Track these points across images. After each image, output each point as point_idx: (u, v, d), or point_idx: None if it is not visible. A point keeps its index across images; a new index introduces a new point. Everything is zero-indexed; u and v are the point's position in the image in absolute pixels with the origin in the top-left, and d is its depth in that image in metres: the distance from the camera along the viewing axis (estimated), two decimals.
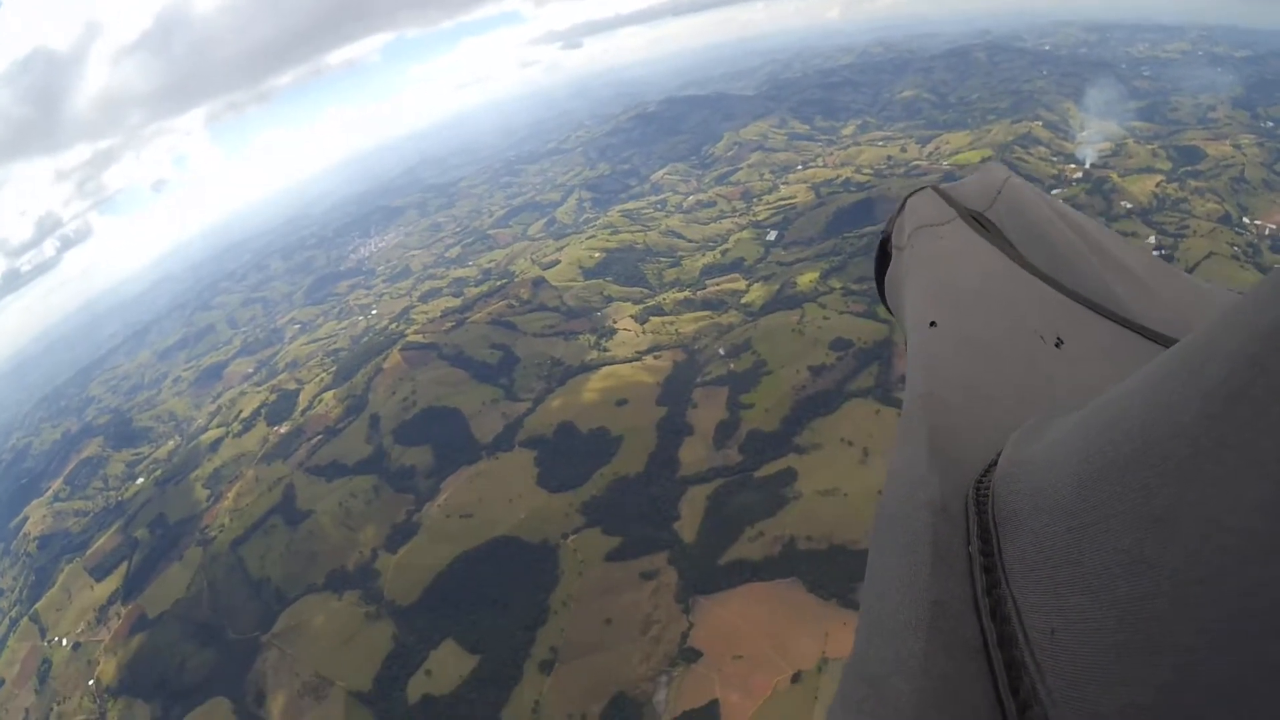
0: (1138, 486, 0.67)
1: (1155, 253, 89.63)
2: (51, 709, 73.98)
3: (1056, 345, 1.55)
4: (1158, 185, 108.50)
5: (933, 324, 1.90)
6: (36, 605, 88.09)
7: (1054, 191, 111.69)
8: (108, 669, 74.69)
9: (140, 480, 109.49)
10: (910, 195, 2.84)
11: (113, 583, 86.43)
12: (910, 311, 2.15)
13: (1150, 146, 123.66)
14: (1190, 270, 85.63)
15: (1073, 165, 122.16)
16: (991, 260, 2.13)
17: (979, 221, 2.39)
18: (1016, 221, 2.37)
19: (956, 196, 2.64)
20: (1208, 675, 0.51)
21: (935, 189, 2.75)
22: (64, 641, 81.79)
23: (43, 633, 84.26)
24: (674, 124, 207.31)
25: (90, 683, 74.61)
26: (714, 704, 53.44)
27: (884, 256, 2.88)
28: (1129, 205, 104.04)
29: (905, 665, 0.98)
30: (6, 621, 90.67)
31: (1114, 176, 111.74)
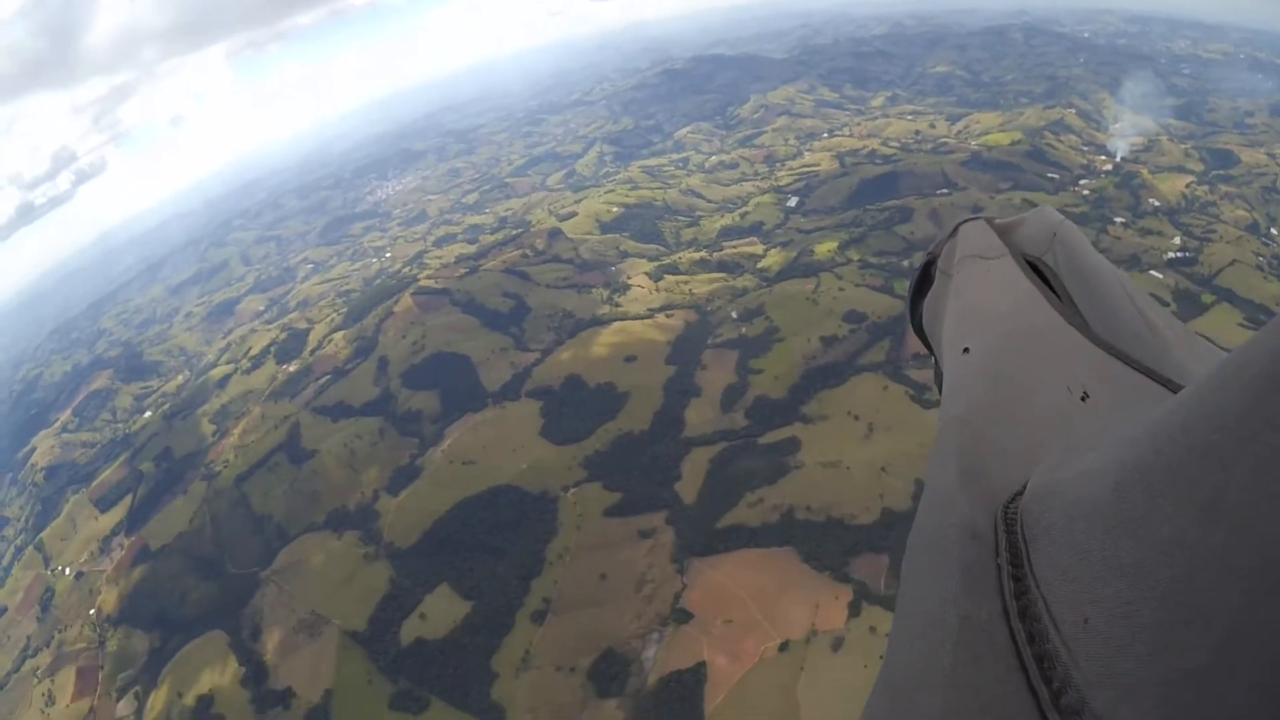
0: (1183, 480, 0.73)
1: (1179, 254, 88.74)
2: (53, 637, 75.40)
3: (1082, 399, 1.58)
4: (1187, 186, 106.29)
5: (966, 350, 1.99)
6: (41, 534, 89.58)
7: (1082, 181, 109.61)
8: (109, 599, 75.90)
9: (148, 414, 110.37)
10: (963, 222, 2.79)
11: (117, 514, 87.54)
12: (947, 337, 2.22)
13: (1184, 146, 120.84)
14: (1212, 277, 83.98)
15: (1103, 157, 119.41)
16: (1033, 304, 2.10)
17: (1034, 268, 2.34)
18: (1070, 269, 2.32)
19: (1011, 236, 2.58)
20: (1261, 630, 0.56)
21: (989, 221, 2.71)
22: (67, 571, 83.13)
23: (47, 562, 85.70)
24: (701, 82, 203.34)
25: (91, 612, 75.88)
26: (701, 666, 53.76)
27: (924, 279, 2.80)
28: (1156, 203, 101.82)
29: (933, 678, 1.03)
30: (11, 550, 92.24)
31: (1144, 173, 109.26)
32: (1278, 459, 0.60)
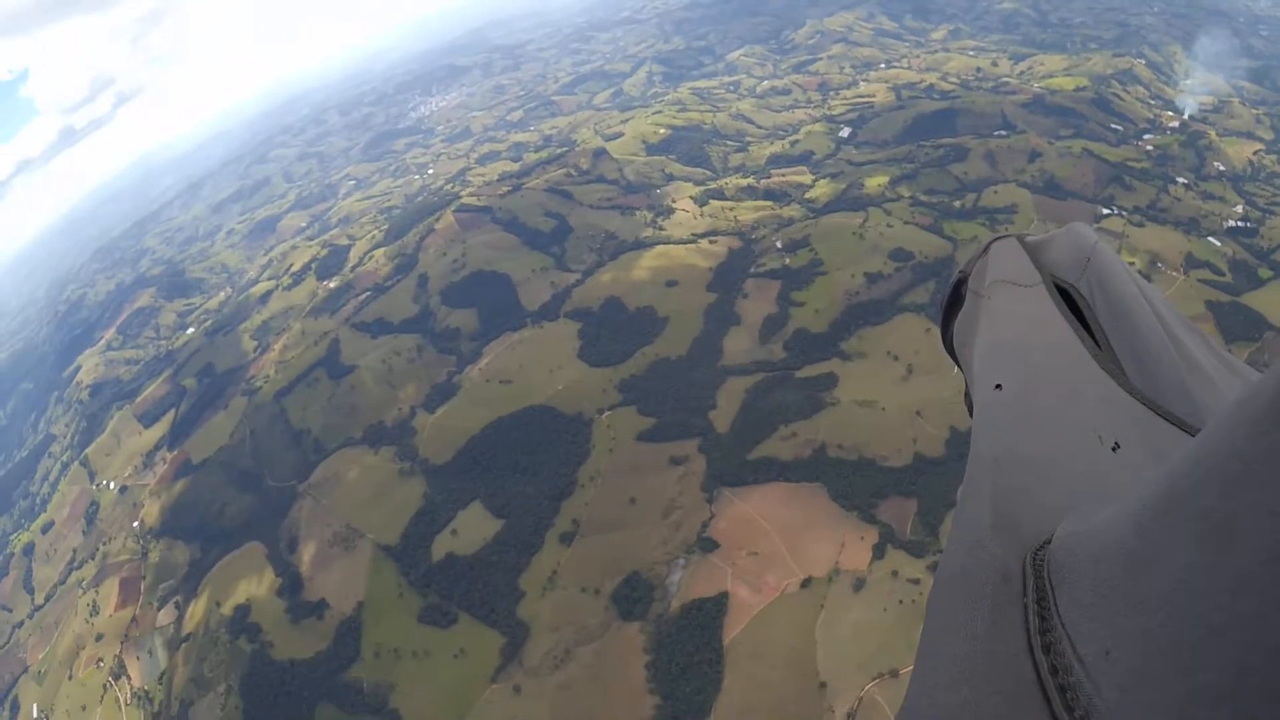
0: (1198, 510, 0.77)
1: (1240, 223, 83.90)
2: (98, 549, 78.43)
3: (1114, 449, 1.62)
4: (1255, 153, 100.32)
5: (998, 387, 1.99)
6: (86, 450, 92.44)
7: (1146, 136, 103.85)
8: (151, 511, 78.52)
9: (190, 330, 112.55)
10: (994, 240, 2.69)
11: (160, 429, 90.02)
12: (978, 367, 2.21)
13: (1256, 111, 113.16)
14: (1272, 250, 79.37)
15: (1170, 113, 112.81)
16: (1067, 344, 2.10)
17: (1067, 295, 2.31)
18: (1103, 297, 2.28)
19: (1044, 258, 2.49)
20: (1270, 636, 0.60)
21: (1020, 240, 2.62)
22: (111, 485, 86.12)
23: (91, 477, 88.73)
24: (756, 4, 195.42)
25: (134, 524, 78.75)
26: (724, 596, 54.14)
27: (956, 297, 2.70)
28: (1221, 167, 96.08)
29: (959, 712, 1.05)
30: (58, 466, 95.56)
31: (1212, 134, 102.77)
32: None
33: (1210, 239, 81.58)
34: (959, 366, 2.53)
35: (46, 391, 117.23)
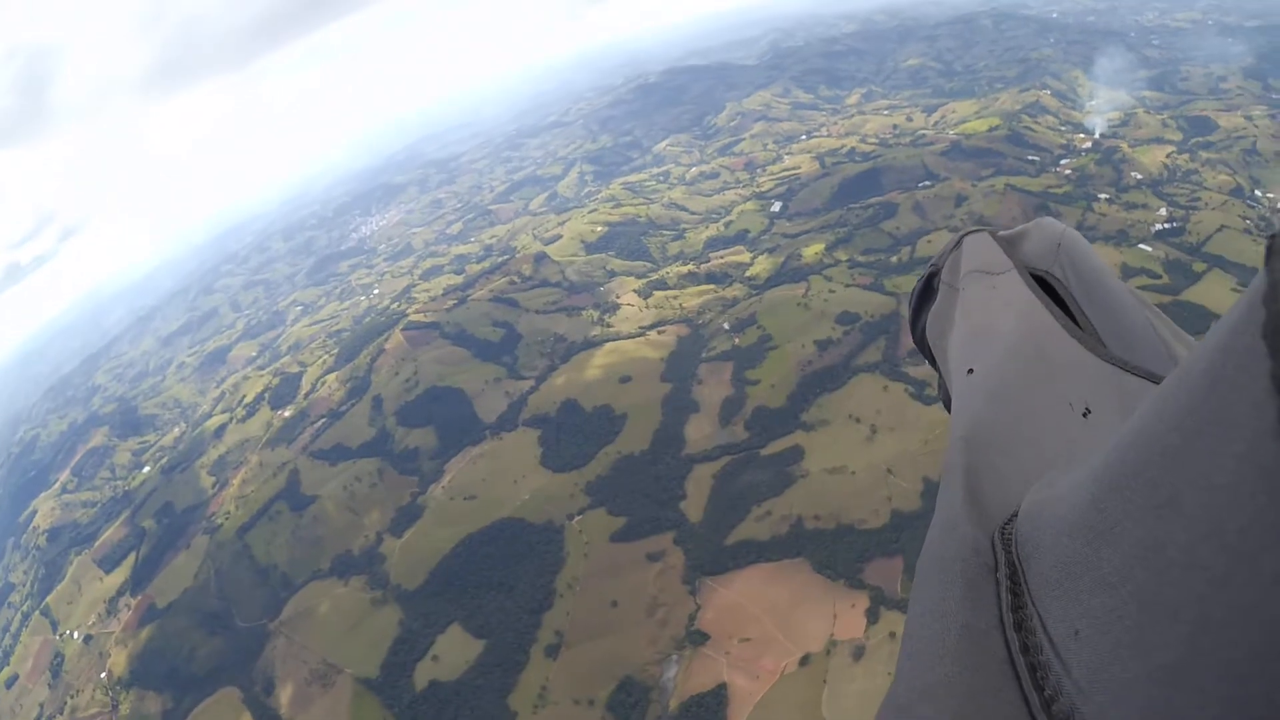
0: (1145, 483, 0.76)
1: (1166, 225, 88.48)
2: (65, 702, 74.18)
3: (1084, 415, 1.64)
4: (1168, 156, 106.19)
5: (970, 371, 2.03)
6: (47, 599, 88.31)
7: (1063, 161, 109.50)
8: (119, 660, 74.76)
9: (146, 469, 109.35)
10: (966, 234, 2.75)
11: (121, 574, 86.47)
12: (953, 355, 2.26)
13: (1160, 116, 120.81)
14: (1201, 245, 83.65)
15: (1082, 135, 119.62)
16: (1037, 319, 2.11)
17: (1043, 282, 2.35)
18: (1076, 276, 2.34)
19: (1015, 247, 2.57)
20: (1221, 615, 0.59)
21: (993, 234, 2.69)
22: (75, 634, 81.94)
23: (54, 626, 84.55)
24: (676, 94, 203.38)
25: (102, 675, 74.68)
26: (722, 687, 52.96)
27: (926, 291, 2.78)
28: (1139, 176, 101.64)
29: (933, 690, 1.07)
30: (19, 617, 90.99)
31: (1124, 147, 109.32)
32: (1220, 452, 0.63)
33: (1141, 246, 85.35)
34: (931, 361, 2.62)
35: (2, 538, 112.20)
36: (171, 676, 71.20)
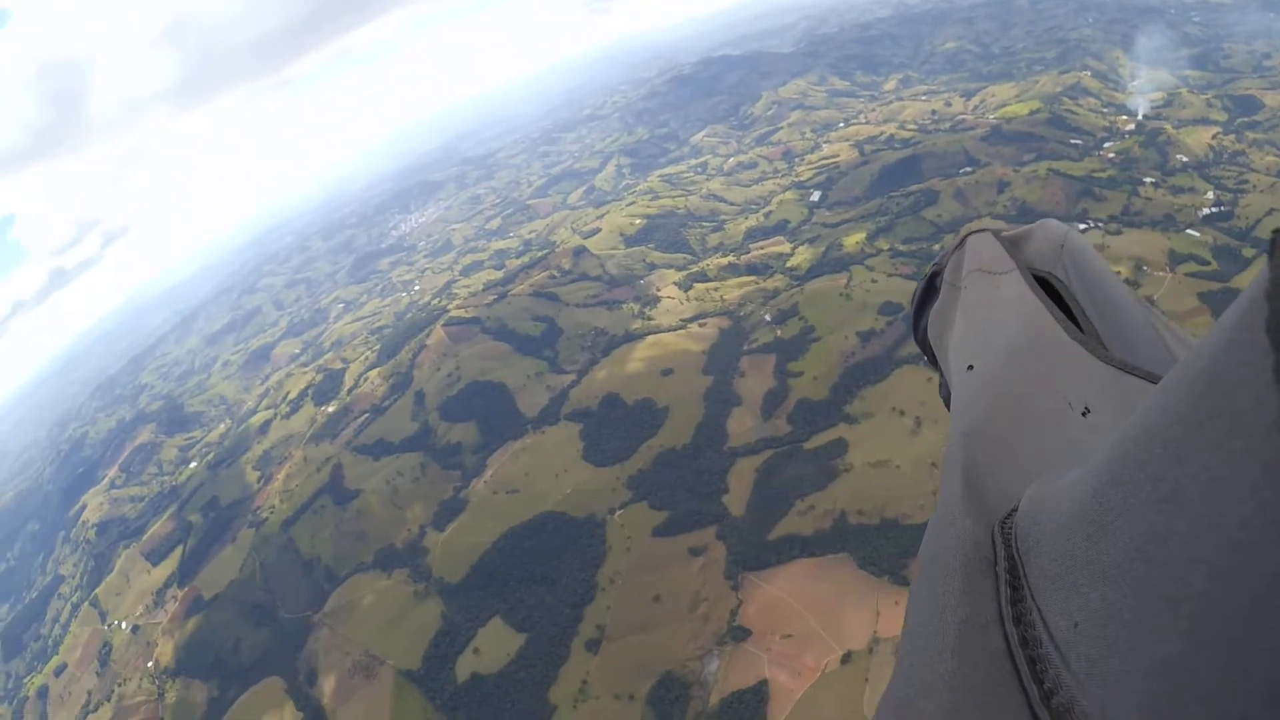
0: (1148, 477, 0.77)
1: (1214, 209, 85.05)
2: (113, 691, 76.09)
3: (1084, 414, 1.65)
4: (1214, 137, 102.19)
5: (970, 368, 2.06)
6: (96, 590, 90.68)
7: (1106, 144, 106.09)
8: (165, 650, 76.42)
9: (193, 465, 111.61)
10: (970, 234, 2.72)
11: (168, 566, 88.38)
12: (953, 353, 2.29)
13: (1205, 96, 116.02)
14: (1251, 229, 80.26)
15: (1125, 116, 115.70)
16: (1038, 319, 2.12)
17: (1046, 283, 2.35)
18: (1079, 278, 2.34)
19: (1018, 248, 2.55)
20: (1222, 607, 0.59)
21: (996, 234, 2.67)
22: (123, 625, 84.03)
23: (103, 617, 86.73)
24: (711, 85, 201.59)
25: (149, 664, 76.52)
26: (763, 684, 52.12)
27: (929, 290, 2.77)
28: (1184, 158, 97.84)
29: (932, 685, 1.08)
30: (69, 608, 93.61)
31: (1168, 128, 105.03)
32: (1223, 446, 0.64)
33: (1189, 231, 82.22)
34: (932, 360, 2.56)
35: (53, 532, 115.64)
36: (217, 666, 72.72)
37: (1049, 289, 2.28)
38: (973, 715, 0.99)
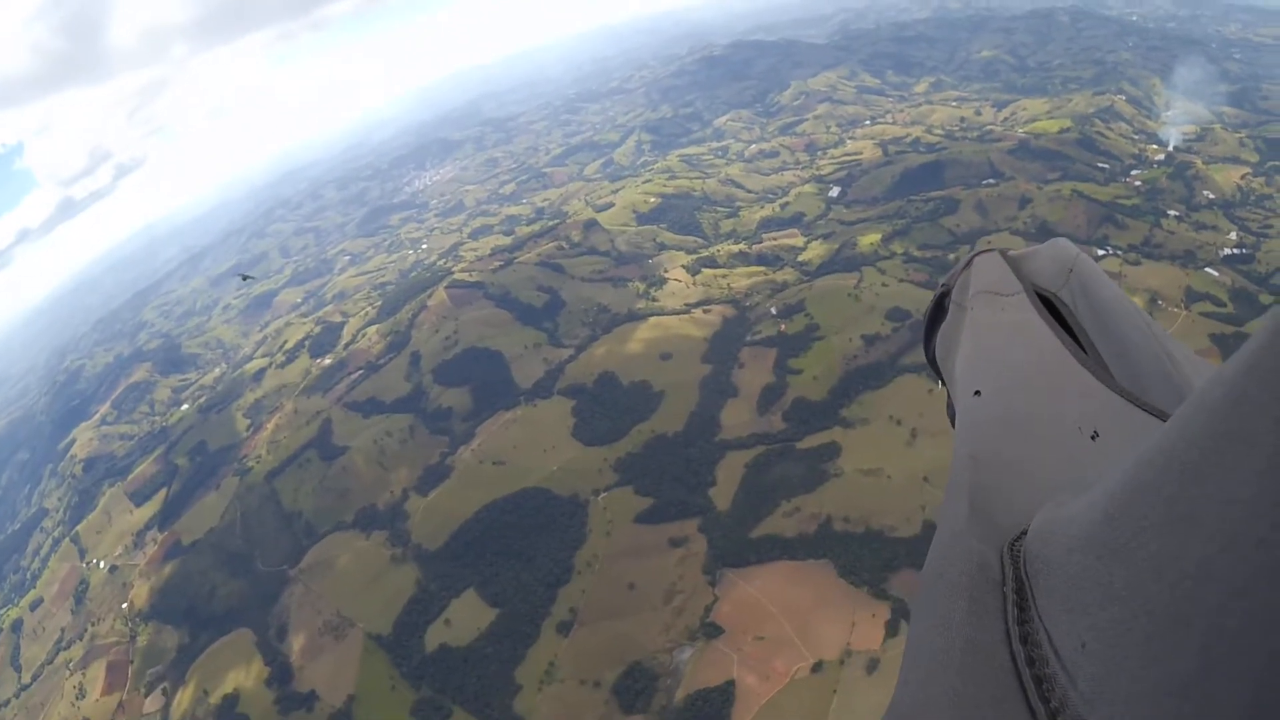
0: (1162, 500, 0.78)
1: (1235, 250, 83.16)
2: (86, 629, 76.12)
3: (1093, 438, 1.66)
4: (1243, 178, 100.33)
5: (977, 393, 2.07)
6: (78, 527, 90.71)
7: (1133, 171, 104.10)
8: (141, 593, 76.26)
9: (185, 407, 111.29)
10: (977, 254, 2.73)
11: (151, 508, 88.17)
12: (959, 375, 2.29)
13: (1238, 135, 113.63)
14: (1269, 275, 78.50)
15: (1155, 146, 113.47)
16: (1046, 344, 2.16)
17: (1050, 304, 2.39)
18: (1086, 302, 2.37)
19: (1026, 269, 2.56)
20: (1237, 625, 0.60)
21: (1003, 254, 2.68)
22: (101, 564, 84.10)
23: (82, 554, 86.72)
24: (741, 68, 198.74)
25: (123, 606, 76.48)
26: (730, 685, 51.52)
27: (938, 310, 2.76)
28: (1211, 195, 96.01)
29: (936, 701, 1.09)
30: (50, 541, 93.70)
31: (1198, 163, 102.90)
32: (1241, 468, 0.66)
33: (1208, 270, 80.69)
34: (940, 379, 2.55)
35: (41, 463, 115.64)
36: (190, 613, 72.56)
37: (1053, 310, 2.28)
38: None
